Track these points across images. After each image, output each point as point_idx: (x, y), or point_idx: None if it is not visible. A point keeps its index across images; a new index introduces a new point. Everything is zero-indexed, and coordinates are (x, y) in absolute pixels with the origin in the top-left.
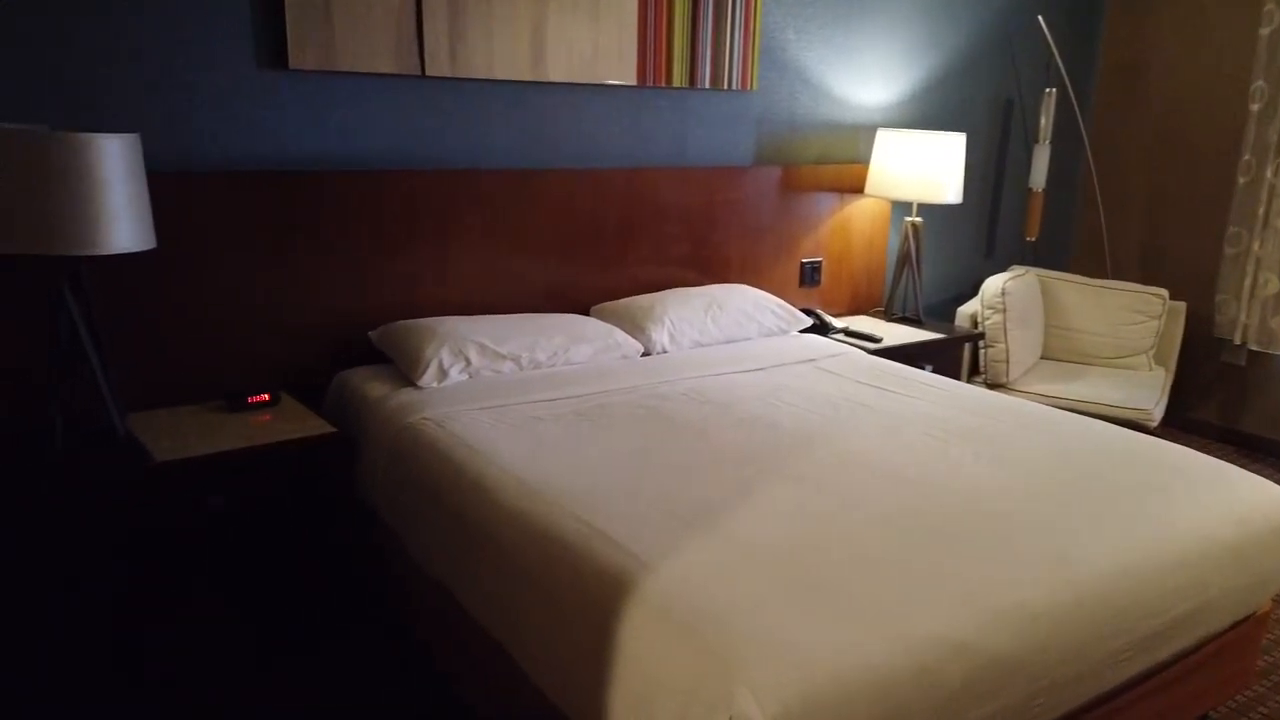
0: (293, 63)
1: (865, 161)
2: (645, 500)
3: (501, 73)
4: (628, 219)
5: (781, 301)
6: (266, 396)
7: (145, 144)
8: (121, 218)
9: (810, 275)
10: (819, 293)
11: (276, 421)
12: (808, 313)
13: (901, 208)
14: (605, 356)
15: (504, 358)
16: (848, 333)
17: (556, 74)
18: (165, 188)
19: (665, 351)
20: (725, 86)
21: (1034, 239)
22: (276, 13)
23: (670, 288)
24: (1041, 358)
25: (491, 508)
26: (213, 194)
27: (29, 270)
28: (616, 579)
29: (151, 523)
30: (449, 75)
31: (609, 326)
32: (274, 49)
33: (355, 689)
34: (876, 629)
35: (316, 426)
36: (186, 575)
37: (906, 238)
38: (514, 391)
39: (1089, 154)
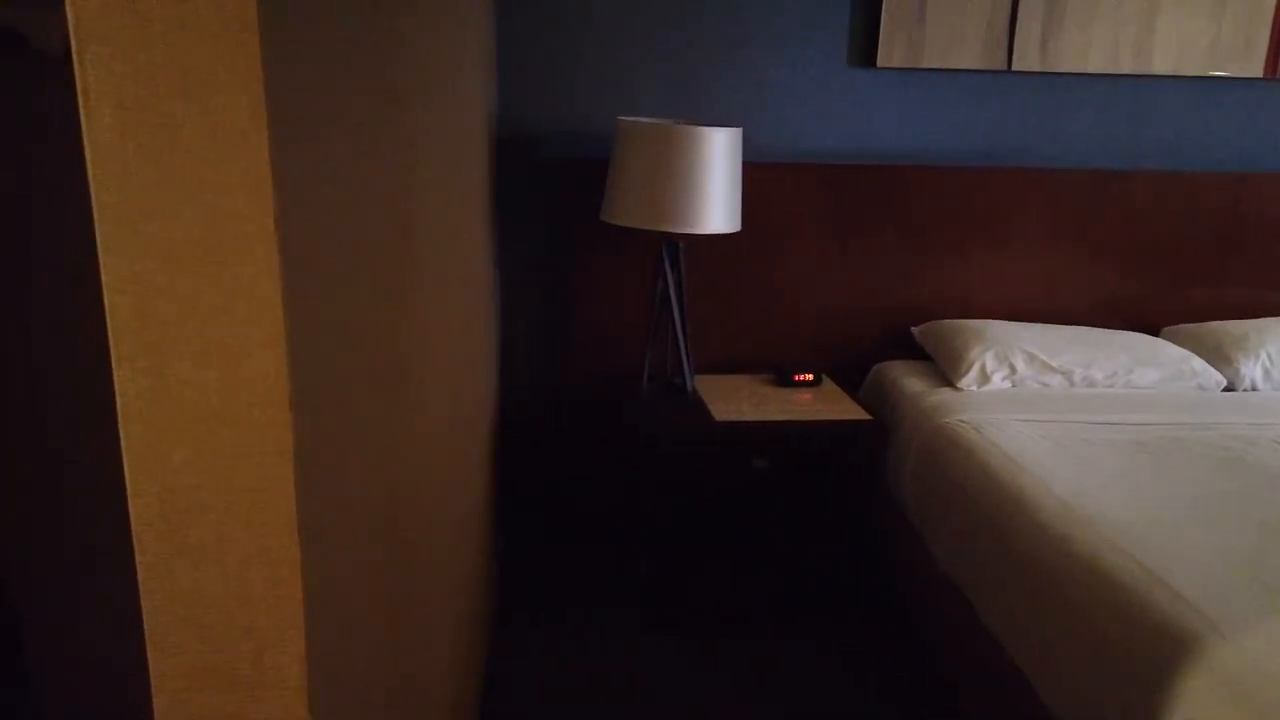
0: (880, 61)
1: None
2: (1222, 557)
3: (1096, 66)
4: (1226, 231)
5: None
6: (810, 376)
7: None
8: (719, 202)
9: None
10: None
11: (817, 401)
12: None
13: None
14: (1176, 385)
15: (1054, 370)
16: None
17: (1162, 66)
18: (751, 176)
19: (1255, 389)
20: None
21: None
22: (872, 14)
23: (1273, 315)
24: None
25: (1030, 526)
26: (790, 183)
27: (640, 243)
28: (1180, 640)
29: (704, 472)
30: (1036, 70)
31: (1185, 352)
32: (864, 48)
33: (850, 669)
34: None
35: (854, 411)
36: (723, 523)
37: None
38: (1062, 408)
39: None
